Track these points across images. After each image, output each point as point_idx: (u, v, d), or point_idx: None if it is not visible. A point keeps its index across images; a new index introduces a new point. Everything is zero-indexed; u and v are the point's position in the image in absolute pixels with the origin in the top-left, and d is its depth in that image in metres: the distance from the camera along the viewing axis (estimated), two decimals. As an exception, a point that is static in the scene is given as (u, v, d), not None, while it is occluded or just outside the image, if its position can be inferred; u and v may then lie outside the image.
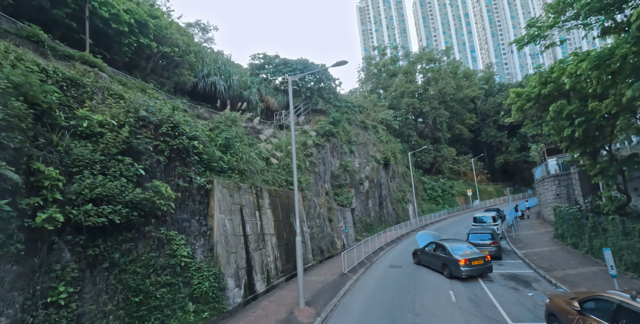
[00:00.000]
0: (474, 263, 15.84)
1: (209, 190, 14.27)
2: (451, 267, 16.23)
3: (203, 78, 23.73)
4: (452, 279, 16.01)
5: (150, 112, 12.58)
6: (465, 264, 15.75)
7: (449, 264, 16.40)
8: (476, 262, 15.89)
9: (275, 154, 21.15)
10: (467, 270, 15.68)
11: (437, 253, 17.67)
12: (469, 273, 15.70)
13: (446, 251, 16.90)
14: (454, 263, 16.09)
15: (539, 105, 20.39)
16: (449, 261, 16.50)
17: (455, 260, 16.02)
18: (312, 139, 28.67)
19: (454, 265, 16.02)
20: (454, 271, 16.09)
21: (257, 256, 15.78)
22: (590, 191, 25.24)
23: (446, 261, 16.67)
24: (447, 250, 16.89)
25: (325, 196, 27.76)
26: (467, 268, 15.71)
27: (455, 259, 16.09)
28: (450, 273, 16.32)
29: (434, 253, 18.04)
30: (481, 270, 15.99)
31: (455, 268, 15.99)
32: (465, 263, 15.75)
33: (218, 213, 14.05)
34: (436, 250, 17.94)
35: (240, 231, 15.09)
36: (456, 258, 16.07)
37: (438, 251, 17.72)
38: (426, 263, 18.83)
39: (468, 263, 15.77)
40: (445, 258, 16.78)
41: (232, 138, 17.62)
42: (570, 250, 19.78)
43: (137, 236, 10.79)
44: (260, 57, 36.43)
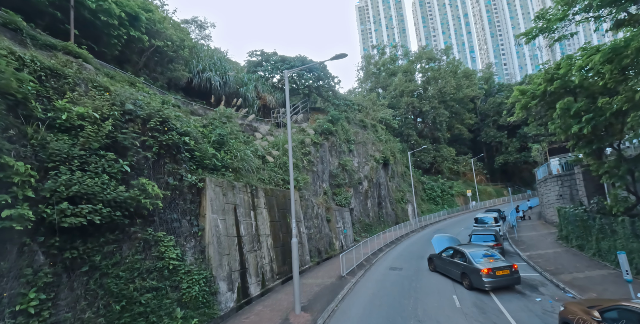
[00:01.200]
0: (498, 274, 13.64)
1: (200, 189, 13.57)
2: (472, 277, 14.12)
3: (198, 74, 23.01)
4: (455, 283, 15.34)
5: (138, 105, 11.87)
6: (488, 274, 13.55)
7: (469, 273, 14.30)
8: (501, 272, 13.69)
9: (272, 152, 20.46)
10: (490, 281, 13.50)
11: (456, 260, 15.56)
12: (492, 284, 13.53)
13: (466, 259, 14.79)
14: (474, 272, 13.95)
15: (544, 103, 19.75)
16: (469, 270, 14.37)
17: (477, 269, 13.89)
18: (310, 137, 27.98)
19: (475, 275, 13.91)
20: (474, 281, 13.96)
21: (251, 258, 15.08)
22: (594, 191, 24.64)
23: (466, 270, 14.57)
24: (466, 256, 14.78)
25: (323, 196, 27.08)
26: (490, 279, 13.52)
27: (476, 268, 13.95)
28: (470, 283, 14.22)
29: (451, 259, 15.95)
30: (507, 281, 13.78)
31: (476, 279, 13.88)
32: (488, 273, 13.56)
33: (210, 213, 13.35)
34: (454, 257, 15.83)
35: (234, 232, 14.39)
36: (477, 266, 13.96)
37: (456, 257, 15.61)
38: (443, 271, 16.71)
39: (491, 273, 13.59)
40: (465, 266, 14.69)
41: (227, 135, 16.91)
42: (576, 252, 19.14)
43: (122, 238, 10.08)
44: (258, 54, 35.73)
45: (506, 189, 73.56)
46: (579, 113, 16.17)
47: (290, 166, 12.99)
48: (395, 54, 71.87)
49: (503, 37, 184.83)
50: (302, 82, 37.12)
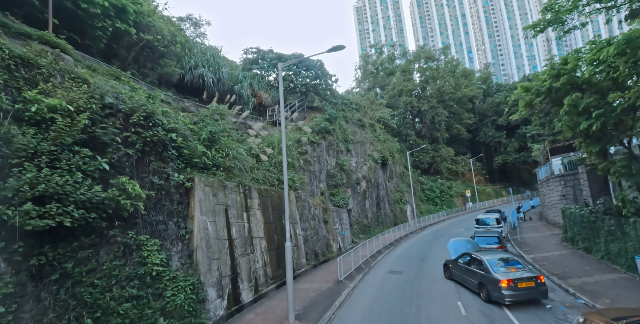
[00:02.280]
0: (520, 286, 11.85)
1: (189, 189, 12.74)
2: (489, 288, 12.52)
3: (190, 70, 22.16)
4: (459, 286, 14.56)
5: (120, 99, 11.04)
6: (508, 286, 11.83)
7: (487, 284, 12.69)
8: (524, 284, 11.90)
9: (266, 150, 19.63)
10: (511, 294, 11.76)
11: (472, 268, 13.93)
12: (513, 298, 11.79)
13: (483, 267, 13.16)
14: (493, 283, 12.35)
15: (549, 100, 19.05)
16: (486, 280, 12.77)
17: (495, 279, 12.26)
18: (307, 136, 27.17)
19: (494, 286, 12.29)
20: (493, 293, 12.36)
21: (244, 262, 14.24)
22: (599, 192, 23.96)
23: (483, 280, 12.96)
24: (484, 265, 13.14)
25: (320, 197, 26.27)
26: (511, 292, 11.77)
27: (495, 278, 12.32)
28: (488, 295, 12.61)
29: (468, 267, 14.31)
30: (531, 294, 12.01)
31: (494, 290, 12.24)
32: (508, 285, 11.84)
33: (199, 214, 12.52)
34: (471, 264, 14.22)
35: (225, 235, 13.55)
36: (496, 277, 12.31)
37: (473, 265, 14.00)
38: (459, 279, 15.13)
39: (513, 285, 11.84)
40: (482, 275, 13.06)
41: (219, 133, 16.08)
42: (583, 255, 18.41)
43: (98, 242, 9.25)
44: (254, 51, 34.92)
45: (505, 189, 72.96)
46: (587, 110, 15.46)
47: (284, 165, 12.19)
48: (393, 53, 71.13)
49: (501, 38, 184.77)
50: (299, 81, 36.32)
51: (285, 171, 12.53)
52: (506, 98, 71.15)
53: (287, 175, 12.84)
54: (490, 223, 25.66)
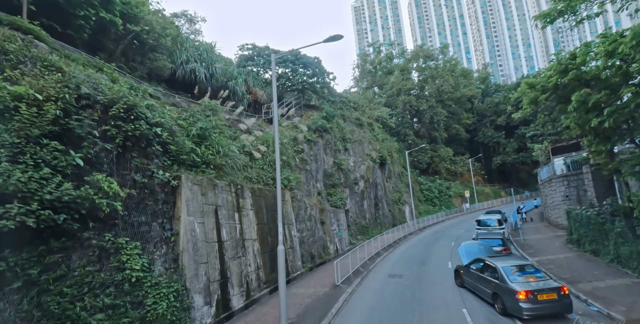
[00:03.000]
0: (541, 298, 10.37)
1: (175, 188, 11.89)
2: (505, 299, 11.09)
3: (182, 65, 21.25)
4: (463, 292, 13.76)
5: (99, 90, 10.18)
6: (527, 298, 10.36)
7: (502, 294, 11.27)
8: (545, 296, 10.42)
9: (260, 148, 18.77)
10: (529, 307, 10.33)
11: (486, 275, 12.52)
12: (533, 312, 10.35)
13: (498, 275, 11.72)
14: (509, 294, 10.92)
15: (555, 97, 18.32)
16: (501, 290, 11.34)
17: (512, 290, 10.79)
18: (304, 134, 26.34)
19: (510, 298, 10.85)
20: (509, 306, 10.93)
21: (234, 266, 13.38)
22: (604, 192, 23.24)
23: (498, 290, 11.54)
24: (499, 273, 11.69)
25: (317, 197, 25.44)
26: (529, 305, 10.33)
27: (511, 289, 10.85)
28: (503, 308, 11.19)
29: (481, 274, 12.88)
30: (553, 308, 10.52)
31: (511, 302, 10.81)
32: (527, 297, 10.36)
33: (186, 215, 11.66)
34: (484, 271, 12.78)
35: (214, 237, 12.69)
36: (513, 287, 10.84)
37: (487, 272, 12.59)
38: (471, 288, 13.70)
39: (532, 297, 10.35)
40: (497, 285, 11.63)
41: (209, 129, 15.22)
42: (590, 258, 17.65)
43: (71, 245, 8.40)
44: (249, 48, 34.03)
45: (504, 190, 72.36)
46: (597, 106, 14.71)
47: (277, 163, 11.36)
48: (392, 51, 70.40)
49: (498, 39, 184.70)
50: (296, 78, 35.49)
51: (278, 169, 11.70)
52: (505, 98, 71.16)
53: (280, 174, 12.02)
54: (492, 225, 24.88)
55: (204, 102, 17.18)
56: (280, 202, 11.93)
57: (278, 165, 11.55)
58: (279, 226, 11.47)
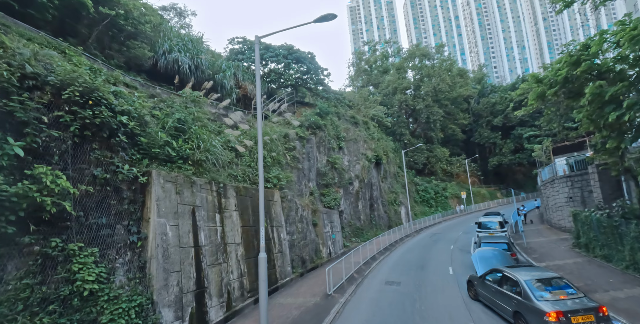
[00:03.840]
0: (575, 321, 8.44)
1: (145, 185, 10.45)
2: (529, 320, 9.17)
3: (164, 55, 19.73)
4: (469, 302, 12.42)
5: (49, 69, 8.71)
6: (558, 321, 8.42)
7: (526, 314, 9.34)
8: (580, 318, 8.47)
9: (246, 143, 17.33)
10: None
11: (505, 289, 10.57)
12: None
13: (521, 290, 9.75)
14: (534, 314, 9.00)
15: (565, 91, 17.10)
16: (525, 308, 9.42)
17: (539, 310, 8.88)
18: (296, 131, 24.94)
19: (536, 319, 8.92)
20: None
21: (213, 273, 11.93)
22: (611, 193, 22.11)
23: (520, 309, 9.61)
24: (521, 287, 9.73)
25: (309, 197, 24.04)
26: None
27: (537, 308, 8.94)
28: None
29: (498, 288, 10.92)
30: None
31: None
32: (558, 320, 8.42)
33: (156, 216, 10.21)
34: (502, 284, 10.85)
35: (190, 241, 11.24)
36: (539, 306, 8.92)
37: (506, 286, 10.65)
38: (488, 303, 11.77)
39: (564, 320, 8.42)
40: (520, 302, 9.67)
41: (189, 121, 13.77)
42: (602, 264, 16.42)
43: (6, 253, 6.91)
44: (239, 41, 32.53)
45: (500, 191, 71.46)
46: (614, 99, 13.48)
47: (260, 157, 9.98)
48: (387, 50, 69.22)
49: (493, 40, 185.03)
50: (290, 74, 34.10)
51: (261, 164, 10.33)
52: (502, 98, 70.44)
53: (263, 170, 10.63)
54: (493, 227, 23.60)
55: (185, 92, 15.71)
56: (262, 202, 10.55)
57: (261, 161, 10.17)
58: (260, 230, 10.10)
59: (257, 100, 10.65)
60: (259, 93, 10.63)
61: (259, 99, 10.72)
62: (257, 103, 10.62)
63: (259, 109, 10.62)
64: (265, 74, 33.49)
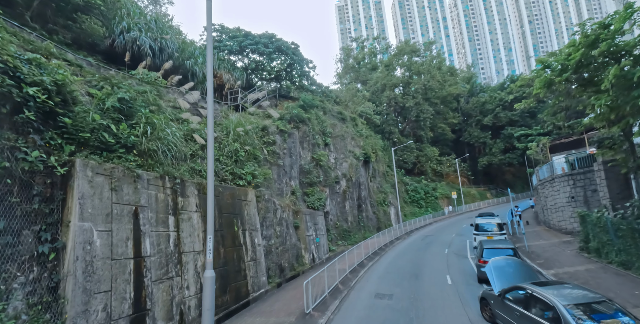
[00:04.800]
0: None
1: (67, 178, 8.03)
2: None
3: (122, 33, 17.15)
4: (476, 319, 10.26)
5: None
6: None
7: None
8: None
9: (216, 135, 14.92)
10: None
11: (534, 314, 8.08)
12: None
13: (558, 317, 7.28)
14: None
15: (577, 77, 15.23)
16: None
17: None
18: (277, 124, 22.61)
19: None
20: None
21: (160, 291, 9.52)
22: (619, 192, 20.35)
23: None
24: (560, 313, 7.27)
25: (290, 197, 21.71)
26: None
27: None
28: None
29: (525, 312, 8.38)
30: None
31: None
32: None
33: (78, 220, 7.80)
34: (531, 306, 8.33)
35: (128, 252, 8.82)
36: None
37: (534, 309, 8.19)
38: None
39: None
40: None
41: (137, 103, 11.36)
42: (619, 272, 14.48)
43: None
44: (217, 29, 29.99)
45: (489, 191, 70.21)
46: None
47: (210, 140, 7.66)
48: (375, 46, 67.35)
49: (480, 42, 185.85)
50: (272, 66, 31.78)
51: (211, 152, 8.03)
52: (491, 98, 69.29)
53: (212, 161, 8.36)
54: (491, 229, 21.60)
55: (138, 73, 13.25)
56: (211, 198, 8.20)
57: (211, 146, 7.85)
58: (208, 239, 7.80)
59: (208, 68, 8.34)
60: (210, 60, 8.34)
61: (209, 67, 8.41)
62: (208, 72, 8.31)
63: (209, 80, 8.30)
64: (245, 65, 31.09)
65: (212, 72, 8.20)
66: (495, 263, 10.90)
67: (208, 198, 8.36)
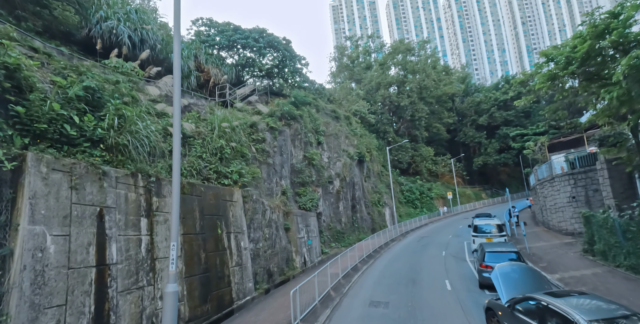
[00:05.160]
0: None
1: (17, 174, 6.99)
2: None
3: (99, 23, 16.01)
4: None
5: None
6: None
7: None
8: None
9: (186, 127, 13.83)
10: None
11: None
12: None
13: None
14: None
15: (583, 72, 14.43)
16: None
17: None
18: (267, 121, 21.57)
19: None
20: None
21: (128, 302, 8.47)
22: (622, 192, 19.60)
23: None
24: None
25: (281, 197, 20.68)
26: None
27: None
28: None
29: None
30: None
31: None
32: None
33: (28, 223, 6.76)
34: (546, 320, 7.16)
35: (90, 259, 7.77)
36: None
37: (550, 323, 7.02)
38: None
39: None
40: None
41: (107, 93, 10.30)
42: (629, 276, 13.65)
43: None
44: (205, 23, 28.85)
45: (484, 192, 69.62)
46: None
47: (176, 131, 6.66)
48: (370, 44, 66.50)
49: (474, 43, 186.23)
50: (264, 62, 30.72)
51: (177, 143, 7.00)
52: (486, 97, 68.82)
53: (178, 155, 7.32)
54: (490, 231, 20.73)
55: (111, 62, 12.18)
56: (177, 198, 7.20)
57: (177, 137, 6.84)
58: (171, 247, 6.78)
59: (175, 47, 7.31)
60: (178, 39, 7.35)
61: (177, 46, 7.40)
62: (175, 52, 7.29)
63: (176, 61, 7.28)
64: (235, 62, 30.01)
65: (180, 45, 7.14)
66: (502, 270, 9.82)
67: (173, 198, 7.33)
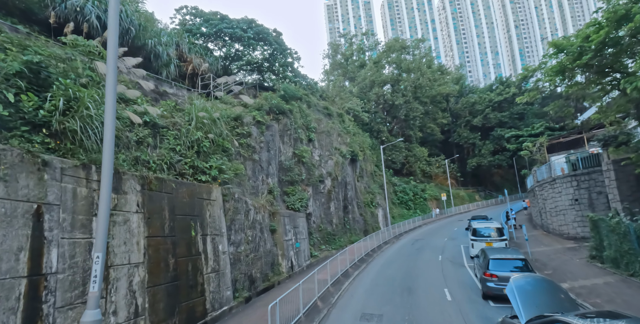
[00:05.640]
0: None
1: None
2: None
3: (63, 2, 14.38)
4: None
5: None
6: None
7: None
8: None
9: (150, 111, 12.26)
10: None
11: None
12: None
13: None
14: None
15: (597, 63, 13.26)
16: None
17: None
18: (253, 115, 20.12)
19: None
20: None
21: (69, 321, 6.97)
22: (630, 195, 18.54)
23: None
24: None
25: (267, 196, 19.23)
26: None
27: None
28: None
29: None
30: None
31: None
32: None
33: None
34: None
35: (22, 267, 6.28)
36: None
37: None
38: None
39: None
40: None
41: (57, 71, 8.78)
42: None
43: None
44: (191, 12, 27.22)
45: (478, 193, 68.80)
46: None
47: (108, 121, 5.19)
48: (364, 41, 65.26)
49: (468, 45, 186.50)
50: (253, 55, 29.23)
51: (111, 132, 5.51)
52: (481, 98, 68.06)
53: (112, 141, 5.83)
54: (490, 234, 19.48)
55: (69, 39, 10.64)
56: (107, 197, 5.74)
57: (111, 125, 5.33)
58: (94, 260, 5.30)
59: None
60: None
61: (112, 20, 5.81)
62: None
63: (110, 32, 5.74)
64: (224, 54, 28.48)
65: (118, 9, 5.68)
66: (518, 283, 8.31)
67: (101, 192, 5.85)
